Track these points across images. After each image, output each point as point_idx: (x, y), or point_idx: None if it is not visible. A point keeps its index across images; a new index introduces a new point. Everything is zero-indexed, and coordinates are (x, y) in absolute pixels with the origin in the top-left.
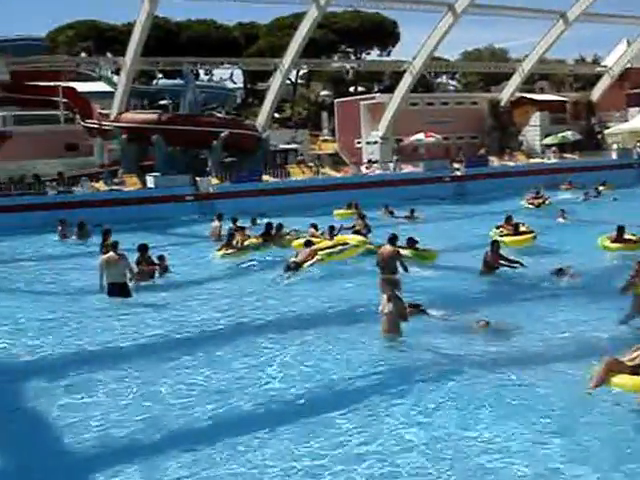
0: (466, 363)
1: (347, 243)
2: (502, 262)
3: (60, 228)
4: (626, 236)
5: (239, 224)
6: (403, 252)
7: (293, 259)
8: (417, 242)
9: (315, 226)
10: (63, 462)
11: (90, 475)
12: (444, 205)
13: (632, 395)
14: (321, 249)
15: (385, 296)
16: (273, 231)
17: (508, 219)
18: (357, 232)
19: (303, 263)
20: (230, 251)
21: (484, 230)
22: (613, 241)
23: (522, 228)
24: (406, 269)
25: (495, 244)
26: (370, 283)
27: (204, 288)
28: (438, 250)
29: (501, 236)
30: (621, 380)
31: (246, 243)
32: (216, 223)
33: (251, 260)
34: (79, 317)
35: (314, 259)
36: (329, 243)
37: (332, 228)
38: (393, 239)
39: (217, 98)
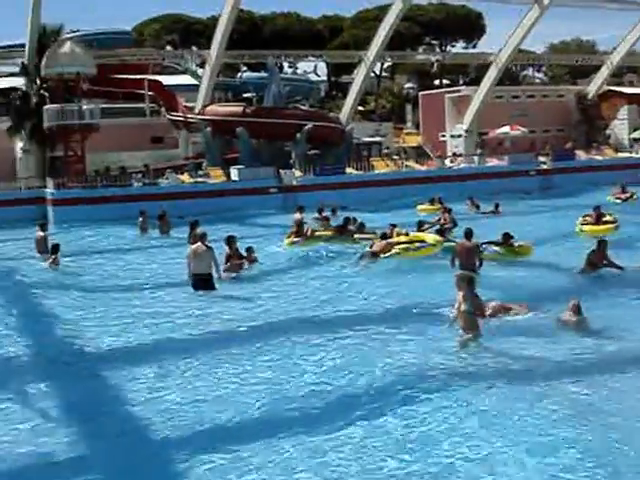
0: (546, 367)
1: (424, 241)
2: (605, 262)
3: (141, 220)
4: None
5: (324, 214)
6: (496, 248)
7: (369, 249)
8: (512, 237)
9: (394, 226)
10: (136, 447)
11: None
12: (530, 199)
13: None
14: (398, 243)
15: (461, 294)
16: (350, 226)
17: (596, 208)
18: (442, 227)
19: (379, 254)
20: (297, 239)
21: (571, 224)
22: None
23: (607, 218)
24: (481, 264)
25: (602, 243)
26: (446, 279)
27: (282, 279)
28: (533, 245)
29: (584, 224)
30: None
31: (317, 233)
32: (298, 215)
33: (323, 251)
34: (158, 310)
35: (391, 252)
36: (405, 239)
37: (421, 224)
38: (469, 234)
39: (301, 91)
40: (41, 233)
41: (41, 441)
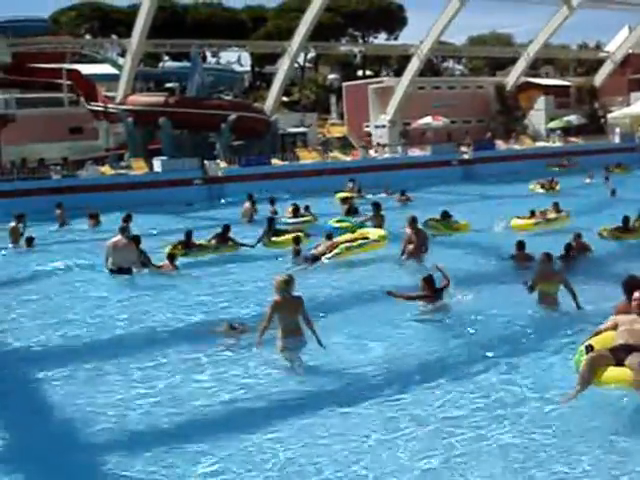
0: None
1: (367, 237)
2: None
3: (59, 212)
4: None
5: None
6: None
7: (313, 251)
8: (450, 215)
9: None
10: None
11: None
12: (452, 187)
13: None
14: (341, 243)
15: (278, 297)
16: (230, 234)
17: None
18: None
19: (322, 255)
20: (184, 251)
21: (494, 212)
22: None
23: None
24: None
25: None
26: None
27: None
28: (470, 222)
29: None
30: (610, 374)
31: (204, 244)
32: (248, 204)
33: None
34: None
35: (332, 252)
36: (348, 237)
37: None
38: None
39: (224, 81)
40: (13, 224)
41: None
